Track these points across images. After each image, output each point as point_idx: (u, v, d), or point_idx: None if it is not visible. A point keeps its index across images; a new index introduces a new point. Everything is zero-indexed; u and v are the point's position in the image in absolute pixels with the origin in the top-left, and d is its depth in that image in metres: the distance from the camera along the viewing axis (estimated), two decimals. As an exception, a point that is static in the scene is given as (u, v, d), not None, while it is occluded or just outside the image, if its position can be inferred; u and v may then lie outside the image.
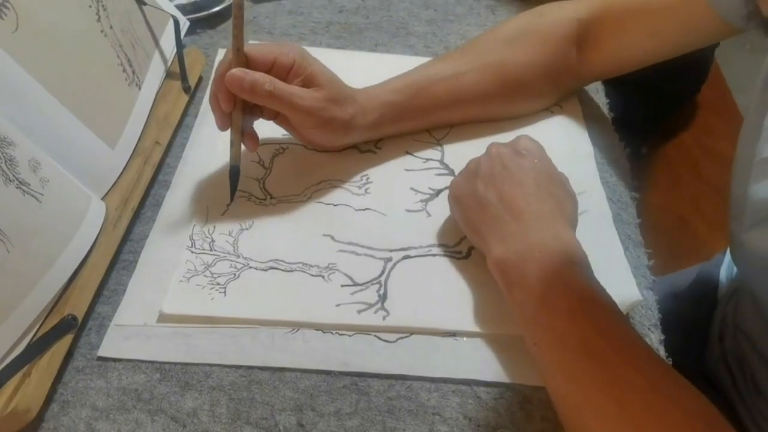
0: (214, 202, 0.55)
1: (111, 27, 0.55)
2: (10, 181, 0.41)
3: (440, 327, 0.47)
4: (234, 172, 0.54)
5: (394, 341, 0.46)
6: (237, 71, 0.50)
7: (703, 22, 0.55)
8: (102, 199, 0.51)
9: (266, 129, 0.58)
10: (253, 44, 0.53)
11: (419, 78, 0.58)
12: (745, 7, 0.32)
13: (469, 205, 0.49)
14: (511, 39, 0.60)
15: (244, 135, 0.54)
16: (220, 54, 0.70)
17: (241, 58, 0.51)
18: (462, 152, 0.57)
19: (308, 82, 0.53)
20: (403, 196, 0.56)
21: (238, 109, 0.53)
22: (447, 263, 0.51)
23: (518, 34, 0.61)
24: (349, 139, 0.58)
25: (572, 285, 0.42)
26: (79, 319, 0.45)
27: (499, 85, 0.59)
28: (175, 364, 0.45)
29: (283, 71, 0.53)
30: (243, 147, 0.55)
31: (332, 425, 0.42)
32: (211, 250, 0.51)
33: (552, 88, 0.62)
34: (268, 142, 0.60)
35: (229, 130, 0.54)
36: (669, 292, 0.73)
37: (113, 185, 0.52)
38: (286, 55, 0.53)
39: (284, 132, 0.61)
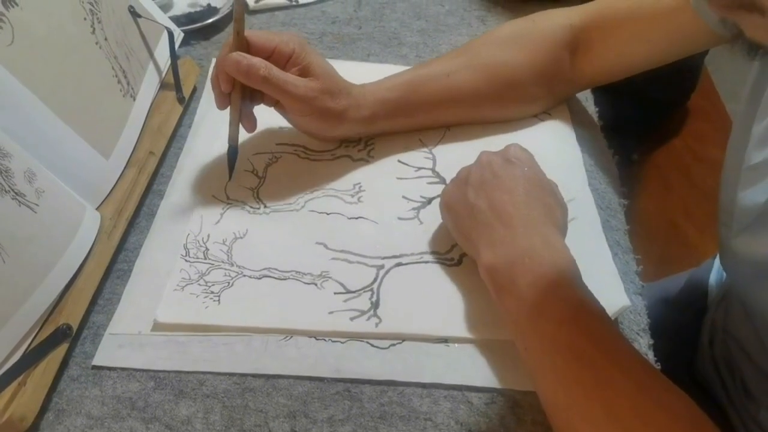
0: (208, 211, 0.55)
1: (106, 39, 0.56)
2: (5, 191, 0.41)
3: (432, 333, 0.47)
4: (232, 152, 0.56)
5: (387, 348, 0.47)
6: (235, 55, 0.52)
7: (693, 30, 0.56)
8: (97, 209, 0.51)
9: (261, 134, 0.58)
10: (255, 30, 0.54)
11: (412, 76, 0.60)
12: (729, 31, 0.32)
13: (460, 212, 0.50)
14: (503, 42, 0.61)
15: (242, 117, 0.56)
16: (214, 64, 0.71)
17: (241, 41, 0.53)
18: (453, 160, 0.58)
19: (305, 72, 0.55)
20: (395, 204, 0.57)
21: (237, 91, 0.54)
22: (439, 270, 0.51)
23: (511, 38, 0.62)
24: (342, 131, 0.58)
25: (561, 290, 0.43)
26: (74, 328, 0.46)
27: (490, 86, 0.60)
28: (169, 372, 0.45)
29: (282, 59, 0.54)
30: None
31: (325, 431, 0.42)
32: (205, 258, 0.52)
33: (544, 92, 0.63)
34: (262, 152, 0.61)
35: (228, 113, 0.55)
36: (660, 297, 0.74)
37: (108, 195, 0.53)
38: (286, 44, 0.54)
39: (278, 141, 0.62)
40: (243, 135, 0.61)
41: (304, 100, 0.54)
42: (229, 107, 0.55)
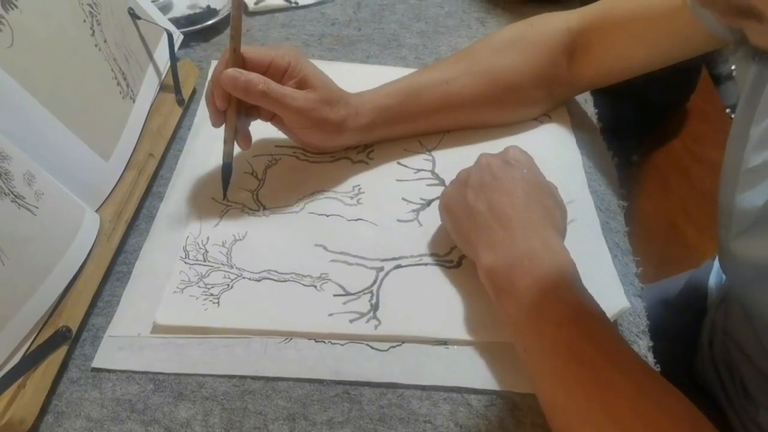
0: (207, 213, 0.56)
1: (105, 41, 0.56)
2: (5, 194, 0.41)
3: (431, 335, 0.47)
4: (226, 169, 0.56)
5: (386, 350, 0.47)
6: (232, 71, 0.52)
7: (692, 32, 0.56)
8: (96, 211, 0.51)
9: (261, 137, 0.58)
10: (250, 46, 0.54)
11: (411, 83, 0.60)
12: (733, 36, 0.32)
13: (459, 214, 0.50)
14: (502, 47, 0.61)
15: (237, 134, 0.56)
16: (214, 66, 0.71)
17: (237, 58, 0.53)
18: (453, 162, 0.58)
19: (302, 84, 0.55)
20: (394, 206, 0.57)
21: (233, 108, 0.54)
22: (438, 272, 0.51)
23: (509, 42, 0.62)
24: (342, 141, 0.59)
25: (560, 292, 0.43)
26: (74, 331, 0.46)
27: (489, 91, 0.60)
28: (169, 374, 0.45)
29: (279, 73, 0.54)
30: (236, 147, 0.57)
31: (325, 434, 0.42)
32: (204, 260, 0.52)
33: (543, 95, 0.63)
34: (261, 154, 0.61)
35: (223, 129, 0.55)
36: (659, 299, 0.74)
37: (107, 197, 0.53)
38: (282, 58, 0.54)
39: (277, 143, 0.62)
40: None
41: (302, 112, 0.54)
42: (224, 124, 0.55)
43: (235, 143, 0.56)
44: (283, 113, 0.54)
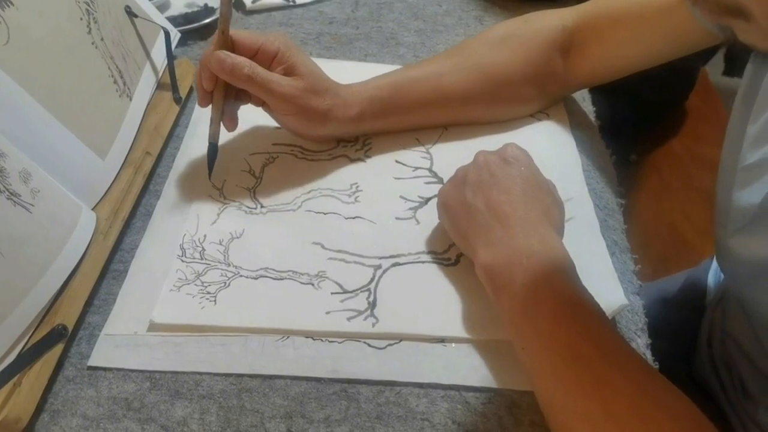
0: (204, 211, 0.55)
1: (102, 39, 0.56)
2: (0, 192, 0.41)
3: (429, 333, 0.47)
4: (211, 151, 0.57)
5: (384, 348, 0.46)
6: (220, 53, 0.52)
7: (688, 29, 0.56)
8: (92, 209, 0.51)
9: (258, 136, 0.58)
10: (240, 30, 0.55)
11: (402, 76, 0.60)
12: (723, 34, 0.32)
13: (457, 212, 0.50)
14: (495, 43, 0.61)
15: (224, 116, 0.56)
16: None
17: (226, 40, 0.53)
18: (450, 160, 0.58)
19: (290, 71, 0.55)
20: (392, 204, 0.56)
21: (220, 90, 0.55)
22: (436, 270, 0.51)
23: (503, 38, 0.62)
24: (328, 130, 0.59)
25: (559, 290, 0.43)
26: (70, 329, 0.45)
27: (481, 86, 0.60)
28: (165, 372, 0.45)
29: (267, 58, 0.55)
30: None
31: (322, 432, 0.42)
32: (201, 258, 0.52)
33: (537, 93, 0.63)
34: (259, 152, 0.61)
35: (210, 111, 0.56)
36: (658, 297, 0.74)
37: (104, 195, 0.53)
38: (272, 43, 0.55)
39: (274, 141, 0.62)
40: (241, 136, 0.62)
41: (287, 99, 0.54)
42: (210, 105, 0.56)
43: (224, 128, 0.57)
44: (268, 98, 0.55)
